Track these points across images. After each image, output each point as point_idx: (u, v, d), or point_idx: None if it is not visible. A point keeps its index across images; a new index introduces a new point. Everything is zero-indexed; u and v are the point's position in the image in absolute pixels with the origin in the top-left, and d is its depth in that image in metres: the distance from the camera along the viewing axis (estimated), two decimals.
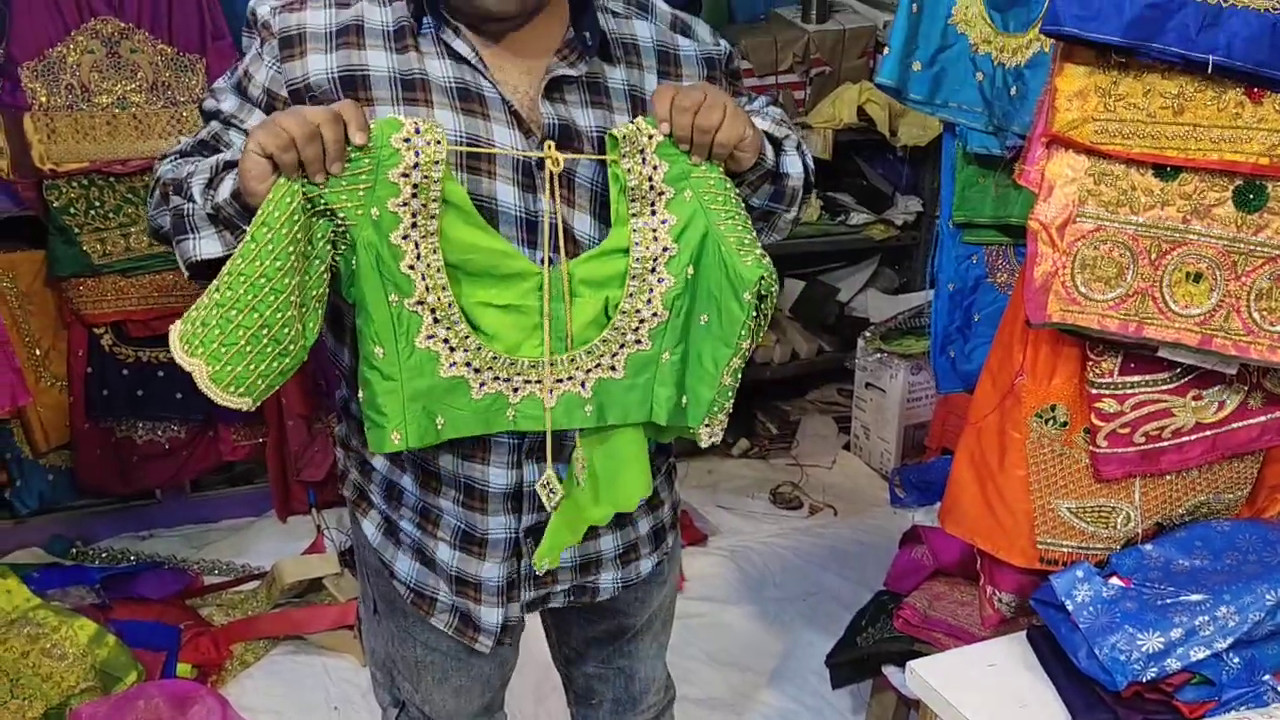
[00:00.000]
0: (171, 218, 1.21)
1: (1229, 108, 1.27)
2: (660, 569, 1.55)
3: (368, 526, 1.45)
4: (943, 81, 1.80)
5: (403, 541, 1.43)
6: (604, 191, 1.29)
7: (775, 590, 2.86)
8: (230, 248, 1.17)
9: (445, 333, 1.23)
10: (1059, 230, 1.35)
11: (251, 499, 3.14)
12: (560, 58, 1.28)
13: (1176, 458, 1.46)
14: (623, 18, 1.35)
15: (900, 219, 3.62)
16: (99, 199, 2.66)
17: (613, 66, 1.32)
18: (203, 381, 1.14)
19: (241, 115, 1.26)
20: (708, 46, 1.39)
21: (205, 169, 1.21)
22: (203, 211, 1.18)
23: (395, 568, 1.43)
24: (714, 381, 1.31)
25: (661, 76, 1.34)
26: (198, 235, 1.19)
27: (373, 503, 1.45)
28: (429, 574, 1.42)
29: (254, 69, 1.26)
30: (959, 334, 2.01)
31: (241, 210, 1.15)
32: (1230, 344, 1.35)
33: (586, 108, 1.29)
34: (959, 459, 1.56)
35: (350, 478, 1.48)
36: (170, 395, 2.85)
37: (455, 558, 1.40)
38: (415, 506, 1.40)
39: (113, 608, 2.59)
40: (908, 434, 3.42)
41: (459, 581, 1.41)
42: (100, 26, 2.58)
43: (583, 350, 1.29)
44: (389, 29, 1.25)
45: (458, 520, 1.38)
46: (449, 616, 1.43)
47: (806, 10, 3.53)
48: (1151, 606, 1.39)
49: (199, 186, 1.19)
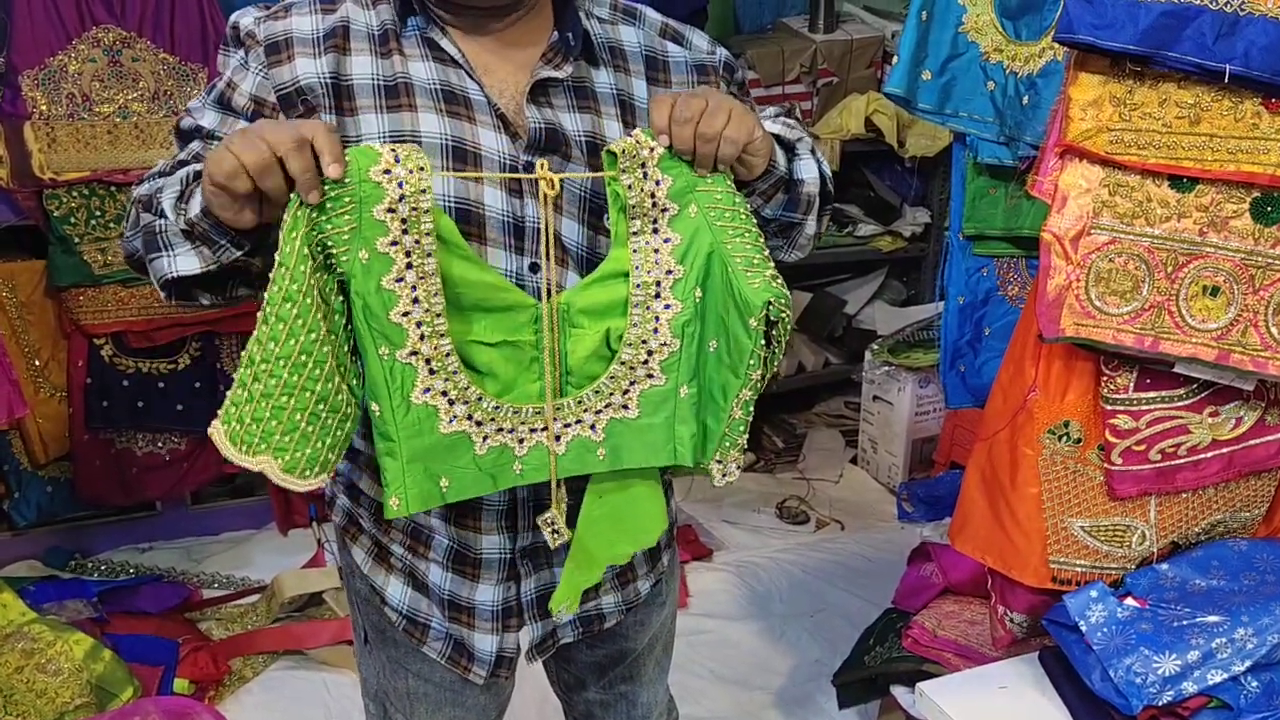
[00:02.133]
0: (143, 236, 1.15)
1: (1246, 118, 1.24)
2: (658, 590, 1.52)
3: (357, 553, 1.42)
4: (953, 91, 1.77)
5: (394, 566, 1.39)
6: (594, 198, 1.25)
7: (781, 606, 2.83)
8: (208, 264, 1.10)
9: (443, 384, 1.14)
10: (1073, 242, 1.32)
11: (252, 511, 3.12)
12: (545, 60, 1.25)
13: (1193, 475, 1.43)
14: (609, 23, 1.32)
15: (908, 230, 3.59)
16: (99, 208, 2.64)
17: (598, 69, 1.29)
18: (276, 476, 1.05)
19: (224, 130, 1.21)
20: (700, 54, 1.34)
21: (175, 183, 1.15)
22: (175, 227, 1.11)
23: (386, 594, 1.40)
24: (722, 414, 1.21)
25: (650, 83, 1.30)
26: (172, 252, 1.12)
27: (363, 528, 1.41)
28: (421, 599, 1.38)
29: (238, 79, 1.22)
30: (969, 348, 1.98)
31: (213, 227, 1.08)
32: (1248, 359, 1.32)
33: (573, 111, 1.26)
34: (969, 476, 1.53)
35: (339, 503, 1.44)
36: (170, 406, 2.84)
37: (448, 580, 1.36)
38: (405, 528, 1.36)
39: (110, 622, 2.56)
40: (915, 448, 3.39)
41: (452, 606, 1.37)
42: (102, 35, 2.57)
43: (590, 390, 1.20)
44: (374, 32, 1.23)
45: (450, 540, 1.34)
46: (442, 645, 1.39)
47: (814, 20, 3.52)
48: (1168, 628, 1.36)
49: (169, 201, 1.13)
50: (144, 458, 2.88)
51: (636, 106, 1.29)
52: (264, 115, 1.20)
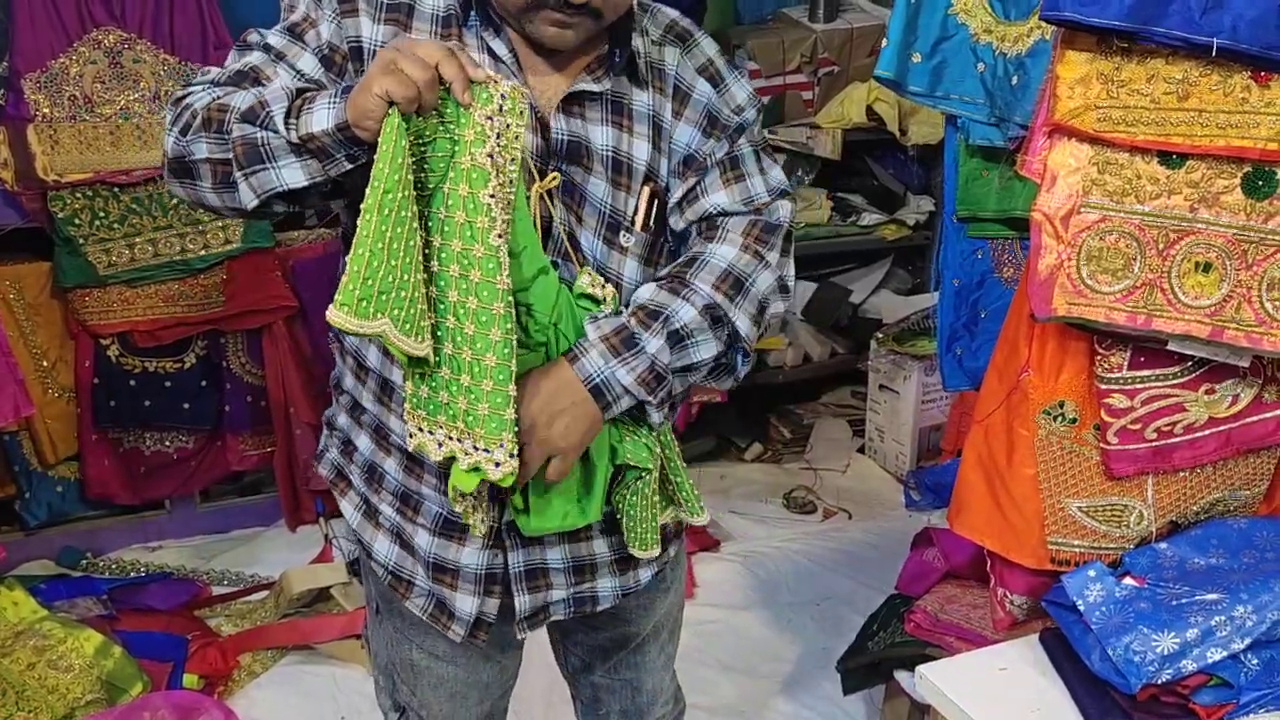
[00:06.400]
0: (241, 146, 1.15)
1: (1235, 92, 1.24)
2: (662, 577, 1.52)
3: (346, 506, 1.44)
4: (943, 73, 1.77)
5: (382, 524, 1.41)
6: (613, 215, 1.29)
7: (788, 595, 2.83)
8: (314, 176, 1.14)
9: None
10: (1063, 221, 1.32)
11: (261, 509, 3.13)
12: (588, 71, 1.27)
13: (1190, 454, 1.42)
14: (657, 44, 1.33)
15: (912, 219, 3.58)
16: (103, 209, 2.66)
17: (640, 89, 1.30)
18: (395, 335, 1.10)
19: (291, 56, 1.23)
20: (727, 105, 1.33)
21: (279, 98, 1.15)
22: (284, 140, 1.13)
23: (374, 549, 1.42)
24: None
25: (673, 113, 1.32)
26: (276, 164, 1.14)
27: (351, 483, 1.43)
28: (407, 558, 1.40)
29: (316, 17, 1.24)
30: (965, 330, 1.98)
31: (346, 141, 1.11)
32: (1242, 335, 1.31)
33: (605, 124, 1.28)
34: (966, 458, 1.53)
35: (329, 456, 1.46)
36: (178, 405, 2.85)
37: (434, 544, 1.37)
38: (396, 491, 1.38)
39: (120, 619, 2.57)
40: (923, 436, 3.38)
41: (436, 568, 1.38)
42: (102, 37, 2.58)
43: None
44: (439, 13, 1.25)
45: (439, 507, 1.36)
46: (425, 601, 1.41)
47: (814, 9, 3.51)
48: (1166, 606, 1.36)
49: (279, 115, 1.14)
50: (152, 456, 2.89)
51: (663, 128, 1.31)
52: (335, 63, 1.23)
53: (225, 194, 1.18)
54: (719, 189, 1.32)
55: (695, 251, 1.30)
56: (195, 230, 2.75)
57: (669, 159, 1.32)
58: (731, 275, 1.28)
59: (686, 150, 1.32)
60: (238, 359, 2.90)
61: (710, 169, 1.32)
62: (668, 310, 1.25)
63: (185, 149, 1.18)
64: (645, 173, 1.30)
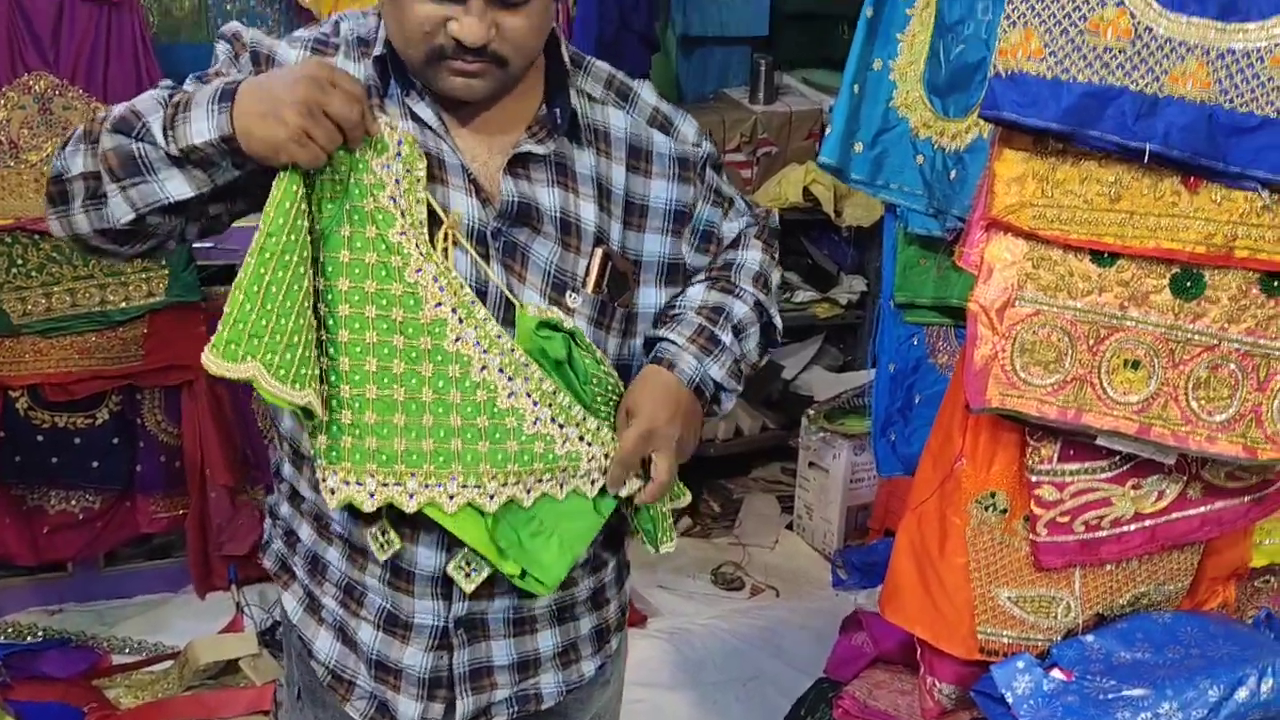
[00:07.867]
0: (116, 156, 1.12)
1: (1165, 196, 1.28)
2: (604, 671, 1.49)
3: (288, 600, 1.40)
4: (884, 163, 1.80)
5: (325, 620, 1.36)
6: (558, 275, 1.27)
7: (715, 674, 2.79)
8: (201, 187, 1.13)
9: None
10: (999, 313, 1.34)
11: (169, 574, 3.01)
12: (529, 134, 1.26)
13: (1116, 548, 1.44)
14: (599, 103, 1.32)
15: (845, 298, 3.64)
16: (22, 257, 2.57)
17: (581, 150, 1.29)
18: (265, 379, 1.10)
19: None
20: (686, 146, 1.35)
21: (152, 108, 1.13)
22: (163, 153, 1.11)
23: (315, 646, 1.37)
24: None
25: (630, 170, 1.32)
26: (157, 177, 1.12)
27: (295, 575, 1.39)
28: (350, 655, 1.36)
29: (226, 70, 1.22)
30: (900, 416, 2.00)
31: (231, 151, 1.11)
32: (1169, 433, 1.34)
33: (551, 187, 1.27)
34: (899, 545, 1.52)
35: (273, 547, 1.42)
36: (86, 463, 2.74)
37: (377, 639, 1.33)
38: (340, 583, 1.34)
39: (14, 687, 2.45)
40: (851, 514, 3.39)
41: (380, 667, 1.34)
42: (33, 82, 2.52)
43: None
44: None
45: (383, 600, 1.32)
46: (365, 704, 1.36)
47: (754, 91, 3.60)
48: (1094, 701, 1.36)
49: (156, 126, 1.11)
50: (56, 516, 2.76)
51: (613, 192, 1.31)
52: None
53: (94, 211, 1.15)
54: (721, 220, 1.42)
55: (728, 258, 1.41)
56: (117, 281, 2.67)
57: (622, 221, 1.32)
58: (762, 276, 1.42)
59: (672, 206, 1.34)
60: (153, 416, 2.80)
61: (703, 211, 1.39)
62: (728, 307, 1.36)
63: (63, 165, 1.16)
64: (595, 234, 1.29)
